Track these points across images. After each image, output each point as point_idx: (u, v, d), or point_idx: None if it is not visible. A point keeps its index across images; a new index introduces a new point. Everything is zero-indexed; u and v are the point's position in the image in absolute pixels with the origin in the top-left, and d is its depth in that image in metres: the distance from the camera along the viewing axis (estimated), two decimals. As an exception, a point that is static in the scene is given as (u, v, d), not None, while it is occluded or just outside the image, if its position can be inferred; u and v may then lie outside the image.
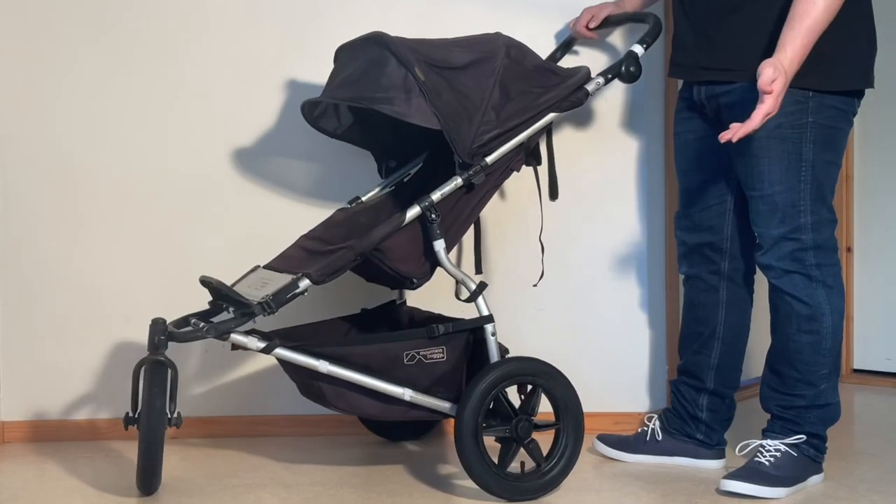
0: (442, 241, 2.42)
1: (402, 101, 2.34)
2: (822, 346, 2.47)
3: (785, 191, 2.41)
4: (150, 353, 2.35)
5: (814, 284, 2.45)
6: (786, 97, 2.29)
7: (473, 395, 2.38)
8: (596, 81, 2.58)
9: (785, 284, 2.46)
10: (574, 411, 2.49)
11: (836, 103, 2.42)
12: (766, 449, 2.51)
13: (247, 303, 2.35)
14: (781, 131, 2.38)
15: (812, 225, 2.43)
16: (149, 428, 2.36)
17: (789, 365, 2.50)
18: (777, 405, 2.54)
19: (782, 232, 2.44)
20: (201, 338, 2.36)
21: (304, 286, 2.37)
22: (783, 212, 2.43)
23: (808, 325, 2.46)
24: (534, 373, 2.46)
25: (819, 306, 2.45)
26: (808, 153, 2.40)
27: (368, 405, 2.47)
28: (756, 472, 2.46)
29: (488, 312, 2.47)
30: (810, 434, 2.50)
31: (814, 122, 2.39)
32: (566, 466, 2.48)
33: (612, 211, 3.03)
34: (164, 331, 2.35)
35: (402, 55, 2.37)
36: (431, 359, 2.44)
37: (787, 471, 2.47)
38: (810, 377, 2.48)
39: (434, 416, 2.52)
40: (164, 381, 2.36)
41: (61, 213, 3.06)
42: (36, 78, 3.05)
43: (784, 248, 2.44)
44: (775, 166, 2.41)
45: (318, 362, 2.40)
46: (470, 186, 2.44)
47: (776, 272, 2.47)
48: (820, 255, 2.46)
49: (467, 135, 2.40)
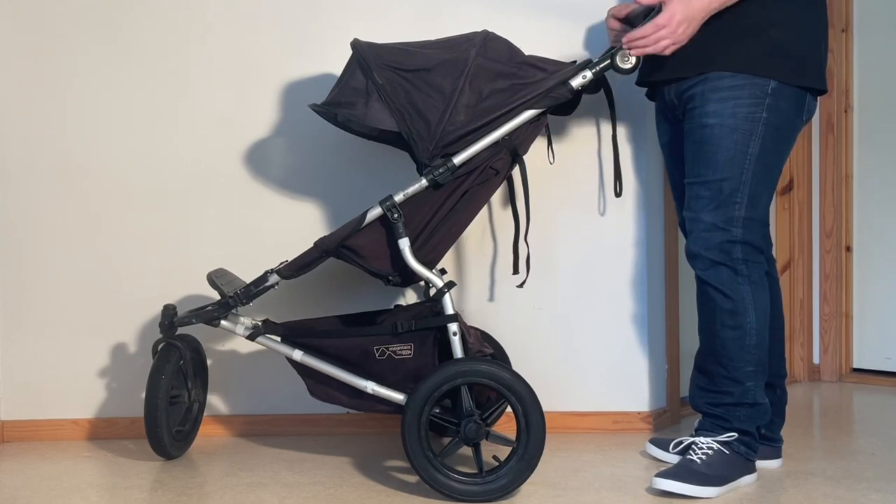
0: (406, 239, 2.47)
1: (361, 105, 2.44)
2: (746, 342, 2.50)
3: (727, 179, 2.45)
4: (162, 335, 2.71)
5: (739, 279, 2.48)
6: (745, 89, 2.40)
7: (419, 388, 2.42)
8: (582, 75, 2.51)
9: (710, 277, 2.49)
10: (535, 431, 2.40)
11: (791, 104, 2.46)
12: (699, 446, 2.52)
13: (222, 293, 2.60)
14: (735, 122, 2.43)
15: (744, 220, 2.47)
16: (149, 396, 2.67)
17: (716, 362, 2.53)
18: (706, 402, 2.57)
19: (714, 220, 2.47)
20: (189, 323, 2.65)
21: (273, 280, 2.58)
22: (720, 200, 2.46)
23: (732, 319, 2.49)
24: (491, 377, 2.42)
25: (742, 301, 2.48)
26: (755, 149, 2.45)
27: (342, 397, 2.60)
28: (687, 470, 2.47)
29: (453, 312, 2.49)
30: (741, 431, 2.52)
31: (767, 120, 2.43)
32: (507, 485, 2.42)
33: (613, 211, 3.03)
34: (171, 315, 2.68)
35: (364, 61, 2.45)
36: (400, 355, 2.52)
37: (719, 469, 2.48)
38: (736, 373, 2.51)
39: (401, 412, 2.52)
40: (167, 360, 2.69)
41: (61, 213, 3.07)
42: (37, 78, 3.06)
43: (713, 238, 2.47)
44: (722, 155, 2.45)
45: (294, 351, 2.58)
46: (436, 185, 2.46)
47: (703, 262, 2.49)
48: (747, 251, 2.49)
49: (429, 134, 2.43)
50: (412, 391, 2.45)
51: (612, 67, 2.50)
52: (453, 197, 2.49)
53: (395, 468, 2.72)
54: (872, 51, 3.77)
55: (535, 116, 2.50)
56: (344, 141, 2.89)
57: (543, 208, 2.91)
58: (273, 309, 2.90)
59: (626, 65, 2.49)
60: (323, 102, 2.53)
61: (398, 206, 2.46)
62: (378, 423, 3.05)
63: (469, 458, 2.54)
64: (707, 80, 2.46)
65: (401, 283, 2.58)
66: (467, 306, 3.05)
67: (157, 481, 2.64)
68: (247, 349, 3.03)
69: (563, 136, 3.00)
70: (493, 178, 2.52)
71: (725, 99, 2.43)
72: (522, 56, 2.56)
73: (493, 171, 2.51)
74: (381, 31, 2.81)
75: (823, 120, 3.79)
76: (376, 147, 2.84)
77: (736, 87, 2.43)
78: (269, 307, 2.88)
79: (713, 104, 2.45)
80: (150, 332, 2.98)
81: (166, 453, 2.75)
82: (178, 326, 2.68)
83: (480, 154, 2.47)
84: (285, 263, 2.56)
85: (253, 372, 3.09)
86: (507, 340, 2.95)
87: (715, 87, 2.44)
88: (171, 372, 2.70)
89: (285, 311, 2.92)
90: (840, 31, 3.76)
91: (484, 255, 3.06)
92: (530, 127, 2.53)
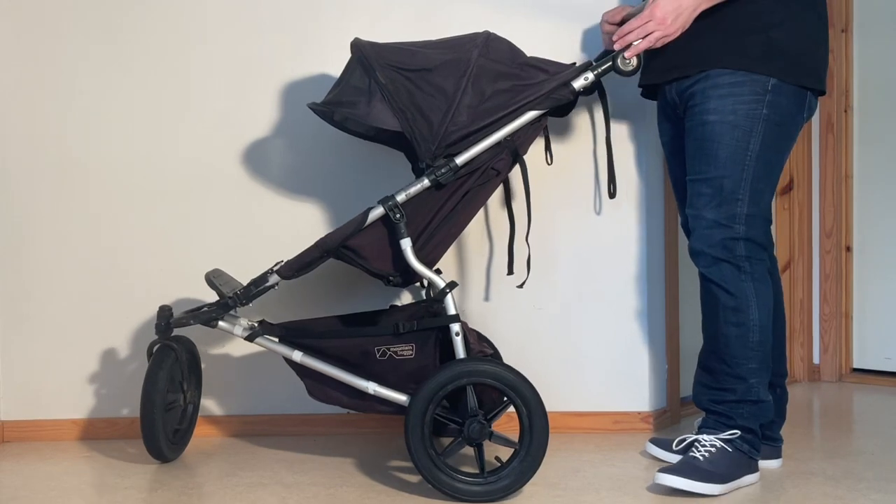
0: (408, 239, 2.46)
1: (363, 104, 2.43)
2: (749, 339, 2.50)
3: (728, 176, 2.46)
4: (157, 336, 2.68)
5: (742, 276, 2.49)
6: (745, 86, 2.42)
7: (424, 388, 2.41)
8: (584, 76, 2.53)
9: (713, 274, 2.50)
10: (538, 432, 2.41)
11: (791, 101, 2.47)
12: (701, 443, 2.52)
13: (221, 294, 2.58)
14: (735, 118, 2.44)
15: (746, 217, 2.47)
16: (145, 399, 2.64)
17: (719, 360, 2.54)
18: (709, 400, 2.57)
19: (716, 217, 2.47)
20: (186, 324, 2.62)
21: (273, 280, 2.57)
22: (722, 197, 2.47)
23: (735, 316, 2.49)
24: (496, 377, 2.42)
25: (746, 298, 2.49)
26: (756, 145, 2.45)
27: (341, 398, 2.59)
28: (690, 467, 2.47)
29: (455, 312, 2.49)
30: (744, 429, 2.52)
31: (767, 117, 2.44)
32: (510, 485, 2.43)
33: (613, 210, 3.02)
34: (167, 317, 2.65)
35: (366, 61, 2.44)
36: (401, 355, 2.51)
37: (722, 467, 2.48)
38: (739, 370, 2.51)
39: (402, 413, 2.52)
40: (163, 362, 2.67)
41: (61, 213, 3.07)
42: (37, 79, 3.06)
43: (716, 236, 2.48)
44: (723, 151, 2.46)
45: (293, 352, 2.56)
46: (438, 185, 2.46)
47: (706, 259, 2.50)
48: (751, 248, 2.49)
49: (432, 135, 2.43)
50: (416, 391, 2.44)
51: (613, 69, 2.51)
52: (454, 197, 2.49)
53: (395, 468, 2.72)
54: (872, 51, 3.77)
55: (536, 117, 2.51)
56: (344, 141, 2.88)
57: (543, 208, 2.91)
58: (270, 309, 2.90)
59: (627, 67, 2.51)
60: (323, 101, 2.52)
61: (400, 207, 2.47)
62: (378, 423, 3.05)
63: (469, 458, 2.54)
64: (708, 77, 2.47)
65: (401, 284, 2.58)
66: (467, 306, 3.05)
67: (158, 481, 2.64)
68: (246, 349, 3.03)
69: (564, 135, 3.00)
70: (494, 179, 2.52)
71: (725, 96, 2.44)
72: (524, 57, 2.56)
73: (495, 172, 2.51)
74: (381, 31, 2.81)
75: (823, 120, 3.79)
76: (377, 147, 2.83)
77: (736, 84, 2.44)
78: (264, 307, 2.88)
79: (714, 101, 2.46)
80: (150, 332, 2.96)
81: (162, 456, 2.73)
82: (175, 327, 2.67)
83: (482, 154, 2.48)
84: (284, 263, 2.55)
85: (253, 372, 3.09)
86: (506, 341, 2.95)
87: (715, 85, 2.45)
88: (166, 374, 2.68)
89: (282, 310, 2.92)
90: (840, 31, 3.75)
91: (484, 256, 3.06)
92: (531, 128, 2.53)
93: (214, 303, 2.62)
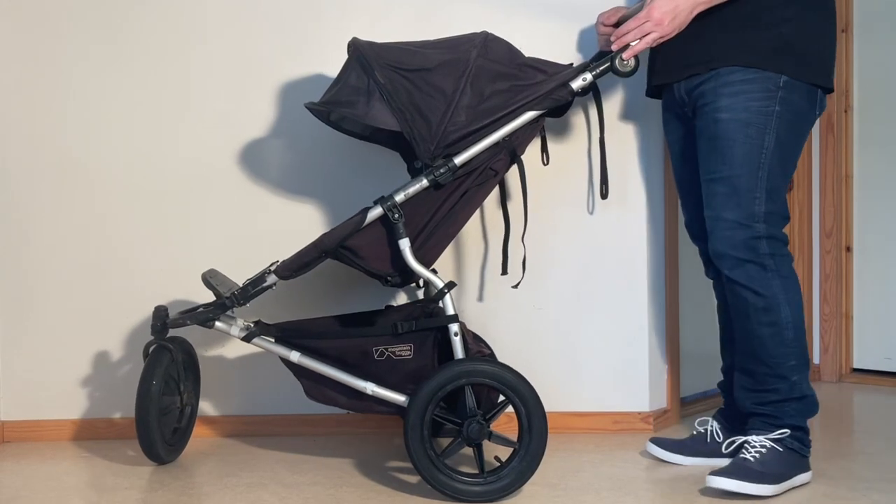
0: (406, 239, 2.46)
1: (362, 104, 2.43)
2: (784, 336, 2.48)
3: (744, 175, 2.44)
4: (153, 337, 2.66)
5: (769, 275, 2.46)
6: (756, 83, 2.41)
7: (423, 388, 2.41)
8: (582, 77, 2.53)
9: (739, 276, 2.47)
10: (537, 432, 2.41)
11: (803, 97, 2.46)
12: (752, 445, 2.50)
13: (218, 294, 2.57)
14: (748, 116, 2.43)
15: (765, 215, 2.45)
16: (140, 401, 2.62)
17: (757, 361, 2.51)
18: (753, 402, 2.54)
19: (736, 217, 2.45)
20: (182, 325, 2.62)
21: (270, 281, 2.57)
22: (740, 196, 2.45)
23: (766, 317, 2.47)
24: (495, 377, 2.42)
25: (774, 297, 2.46)
26: (770, 143, 2.44)
27: (339, 398, 2.59)
28: (742, 469, 2.44)
29: (454, 312, 2.48)
30: (792, 427, 2.50)
31: (780, 114, 2.43)
32: (509, 485, 2.43)
33: (613, 210, 3.02)
34: (163, 317, 2.64)
35: (365, 61, 2.44)
36: (400, 355, 2.51)
37: (773, 467, 2.45)
38: (779, 370, 2.49)
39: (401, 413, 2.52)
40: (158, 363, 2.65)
41: (61, 213, 3.07)
42: (37, 78, 3.06)
43: (737, 236, 2.46)
44: (737, 150, 2.44)
45: (291, 352, 2.56)
46: (437, 185, 2.46)
47: (730, 262, 2.47)
48: (773, 245, 2.47)
49: (430, 135, 2.43)
50: (415, 391, 2.44)
51: (612, 70, 2.51)
52: (452, 197, 2.50)
53: (395, 468, 2.72)
54: (872, 51, 3.77)
55: (534, 118, 2.51)
56: (343, 141, 2.88)
57: (543, 208, 2.91)
58: (267, 309, 2.90)
59: (625, 68, 2.50)
60: (321, 101, 2.52)
61: (399, 207, 2.47)
62: (378, 424, 3.05)
63: (468, 458, 2.54)
64: (718, 75, 2.46)
65: (400, 284, 2.58)
66: (466, 307, 3.05)
67: (157, 481, 2.64)
68: (246, 350, 3.02)
69: (561, 135, 3.00)
70: (492, 179, 2.52)
71: (737, 93, 2.43)
72: (522, 58, 2.56)
73: (493, 172, 2.51)
74: (381, 31, 2.81)
75: (823, 120, 3.78)
76: (376, 147, 2.84)
77: (747, 81, 2.42)
78: (262, 307, 2.88)
79: (725, 99, 2.44)
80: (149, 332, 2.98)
81: (158, 457, 2.70)
82: (172, 328, 2.65)
83: (481, 155, 2.48)
84: (281, 263, 2.55)
85: (252, 372, 3.09)
86: (506, 341, 2.95)
87: (726, 82, 2.44)
88: (162, 376, 2.65)
89: (279, 311, 2.92)
90: (840, 31, 3.75)
91: (482, 256, 3.06)
92: (529, 128, 2.54)
93: (211, 303, 2.61)
